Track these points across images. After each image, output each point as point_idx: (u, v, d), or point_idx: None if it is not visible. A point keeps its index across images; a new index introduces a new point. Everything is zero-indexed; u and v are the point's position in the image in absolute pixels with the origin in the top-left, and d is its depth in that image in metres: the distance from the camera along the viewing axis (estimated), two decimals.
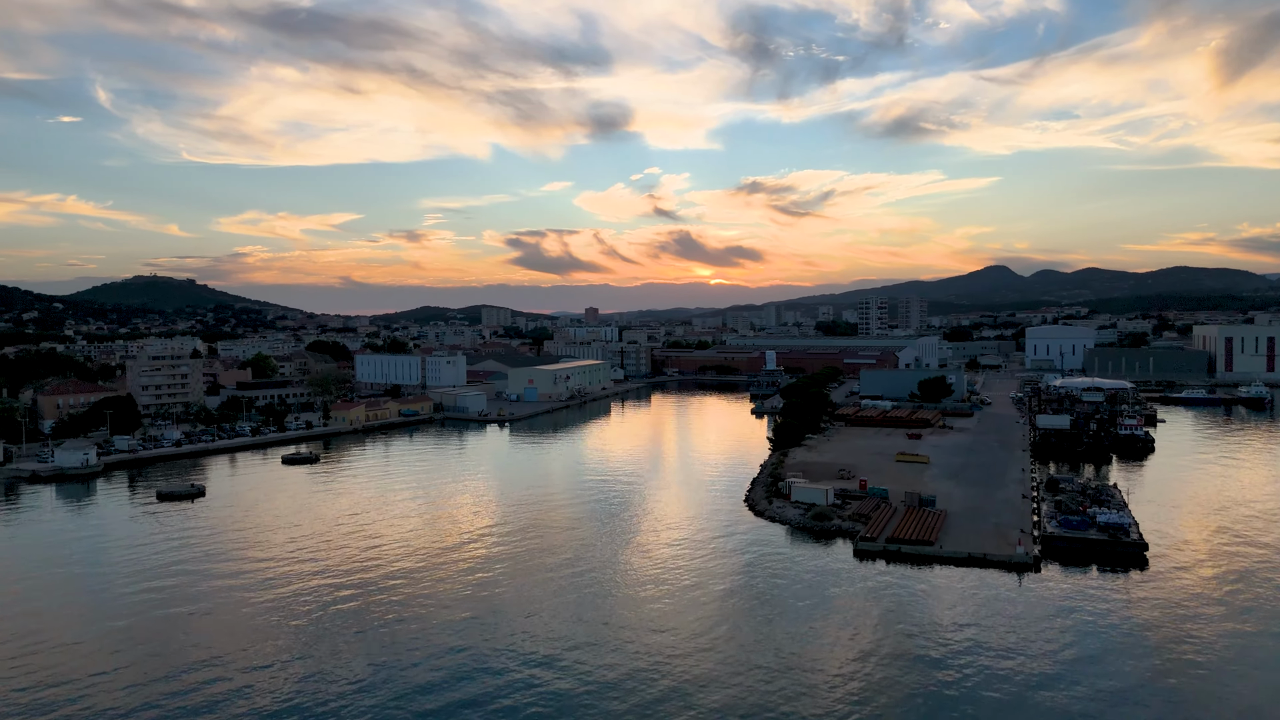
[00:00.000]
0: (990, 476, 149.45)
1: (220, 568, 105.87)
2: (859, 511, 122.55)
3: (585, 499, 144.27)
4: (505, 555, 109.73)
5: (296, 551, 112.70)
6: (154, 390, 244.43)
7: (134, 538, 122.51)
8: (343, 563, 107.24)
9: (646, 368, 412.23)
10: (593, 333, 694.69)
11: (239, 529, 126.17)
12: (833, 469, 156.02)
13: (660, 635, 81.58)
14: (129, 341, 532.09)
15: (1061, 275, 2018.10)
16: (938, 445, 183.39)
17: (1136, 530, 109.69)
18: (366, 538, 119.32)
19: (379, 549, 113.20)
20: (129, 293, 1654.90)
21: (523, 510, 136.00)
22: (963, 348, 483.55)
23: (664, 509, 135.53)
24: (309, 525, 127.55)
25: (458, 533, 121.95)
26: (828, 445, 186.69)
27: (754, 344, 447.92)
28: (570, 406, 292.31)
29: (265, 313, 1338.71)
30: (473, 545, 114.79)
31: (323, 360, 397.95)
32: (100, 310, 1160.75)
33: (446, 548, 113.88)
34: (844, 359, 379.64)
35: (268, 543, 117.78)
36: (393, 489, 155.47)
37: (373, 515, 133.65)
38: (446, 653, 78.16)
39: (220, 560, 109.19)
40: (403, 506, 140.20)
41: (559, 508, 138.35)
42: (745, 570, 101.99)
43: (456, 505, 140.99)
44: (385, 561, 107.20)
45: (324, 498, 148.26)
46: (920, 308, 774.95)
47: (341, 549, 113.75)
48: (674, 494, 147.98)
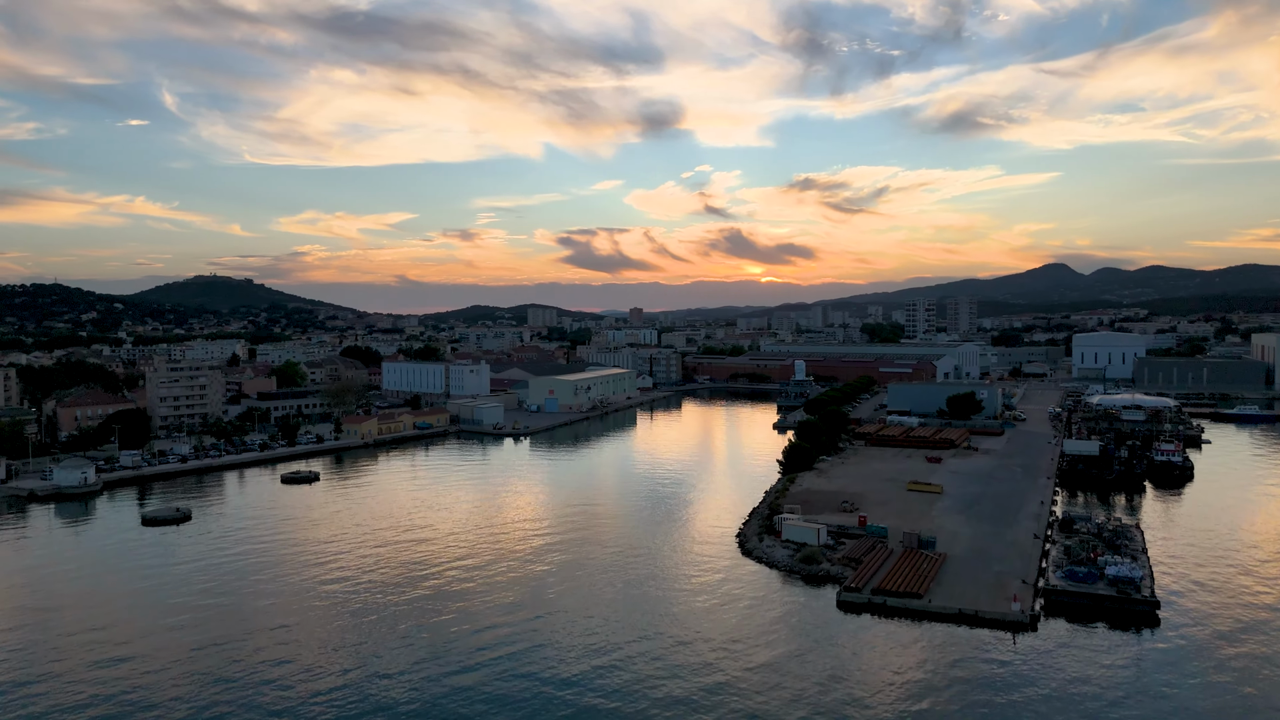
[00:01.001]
0: (1004, 511, 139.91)
1: (170, 612, 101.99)
2: (850, 554, 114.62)
3: (564, 527, 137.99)
4: (450, 593, 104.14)
5: (263, 590, 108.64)
6: (172, 401, 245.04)
7: (96, 567, 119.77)
8: (305, 613, 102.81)
9: (677, 375, 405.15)
10: (631, 335, 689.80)
11: (213, 560, 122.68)
12: (837, 499, 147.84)
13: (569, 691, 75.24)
14: (172, 345, 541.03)
15: (1124, 273, 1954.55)
16: (956, 471, 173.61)
17: (1149, 584, 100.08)
18: (335, 570, 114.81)
19: (346, 581, 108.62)
20: (189, 292, 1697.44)
21: (489, 543, 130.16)
22: (1008, 354, 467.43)
23: (648, 543, 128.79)
24: (283, 560, 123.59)
25: (414, 567, 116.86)
26: (841, 469, 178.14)
27: (788, 351, 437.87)
28: (590, 418, 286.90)
29: (317, 312, 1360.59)
30: (423, 580, 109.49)
31: (353, 366, 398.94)
32: (158, 311, 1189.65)
33: (397, 583, 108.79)
34: (879, 367, 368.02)
35: (225, 586, 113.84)
36: (372, 519, 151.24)
37: (347, 546, 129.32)
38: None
39: (176, 599, 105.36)
40: (381, 534, 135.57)
41: (529, 537, 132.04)
42: (708, 617, 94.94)
43: (425, 536, 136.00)
44: (349, 592, 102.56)
45: (306, 527, 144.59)
46: (970, 309, 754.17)
47: (303, 595, 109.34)
48: (663, 527, 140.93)
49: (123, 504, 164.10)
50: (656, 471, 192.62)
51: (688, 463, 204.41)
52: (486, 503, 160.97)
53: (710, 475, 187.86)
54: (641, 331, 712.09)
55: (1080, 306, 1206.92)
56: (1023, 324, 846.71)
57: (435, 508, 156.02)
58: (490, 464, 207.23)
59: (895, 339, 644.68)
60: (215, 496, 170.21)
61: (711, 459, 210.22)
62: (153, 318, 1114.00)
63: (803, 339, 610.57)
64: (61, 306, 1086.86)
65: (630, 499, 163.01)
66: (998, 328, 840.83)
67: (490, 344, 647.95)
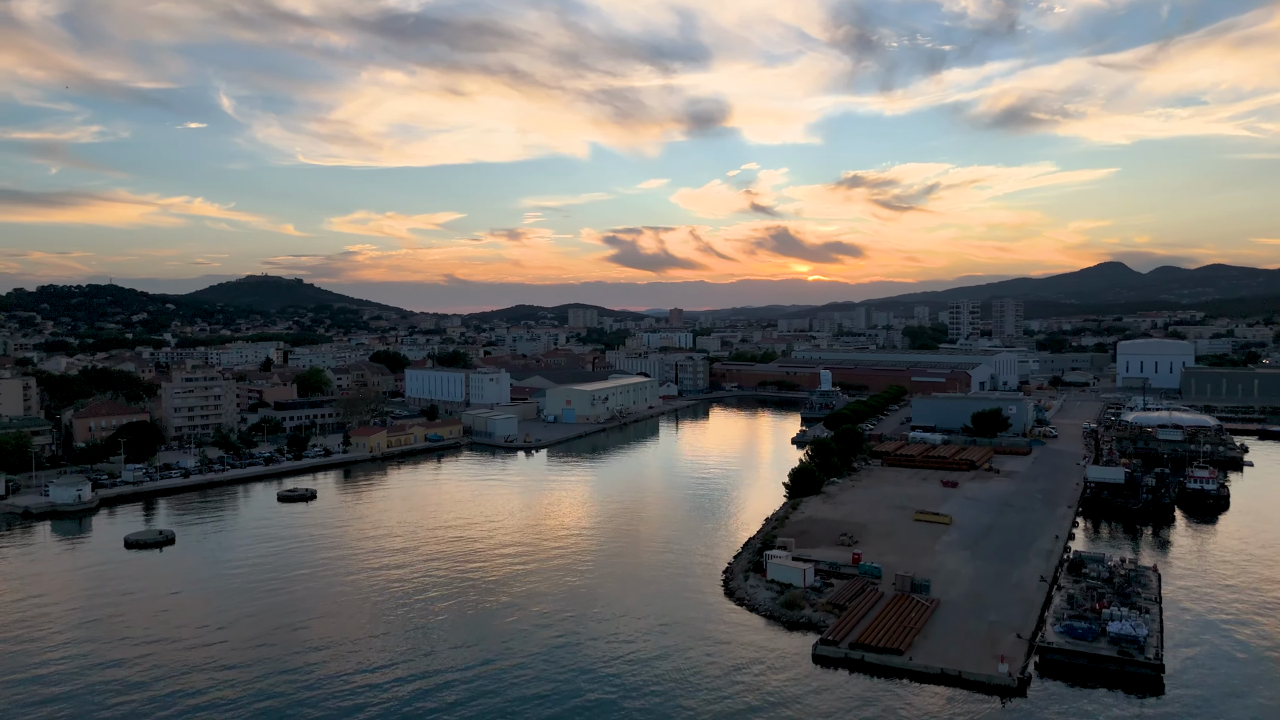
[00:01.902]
0: (1013, 547, 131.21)
1: (113, 648, 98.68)
2: (836, 599, 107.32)
3: (541, 555, 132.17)
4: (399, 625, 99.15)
5: (225, 621, 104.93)
6: (186, 412, 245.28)
7: (60, 595, 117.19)
8: (260, 662, 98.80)
9: (704, 382, 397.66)
10: (666, 338, 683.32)
11: (184, 587, 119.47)
12: (838, 530, 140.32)
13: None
14: (211, 348, 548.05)
15: (1183, 272, 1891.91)
16: (971, 498, 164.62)
17: (1156, 644, 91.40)
18: (288, 615, 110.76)
19: (298, 629, 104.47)
20: (240, 292, 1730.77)
21: (456, 573, 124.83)
22: (1051, 360, 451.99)
23: (629, 576, 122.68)
24: (254, 591, 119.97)
25: (381, 603, 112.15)
26: (849, 494, 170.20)
27: (819, 358, 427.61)
28: (608, 429, 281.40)
29: (362, 312, 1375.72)
30: (388, 614, 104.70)
31: (380, 372, 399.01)
32: (208, 311, 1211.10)
33: (361, 626, 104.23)
34: (911, 376, 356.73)
35: (187, 616, 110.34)
36: (359, 541, 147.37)
37: (323, 580, 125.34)
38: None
39: (127, 632, 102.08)
40: (359, 561, 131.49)
41: (499, 567, 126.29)
42: (662, 665, 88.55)
43: (400, 561, 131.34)
44: (314, 644, 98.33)
45: (287, 553, 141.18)
46: (1016, 312, 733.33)
47: (260, 635, 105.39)
48: (648, 558, 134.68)
49: (114, 523, 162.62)
50: (656, 492, 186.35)
51: (692, 482, 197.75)
52: (467, 527, 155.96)
53: (713, 497, 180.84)
54: (676, 334, 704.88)
55: (1136, 307, 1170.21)
56: (1072, 326, 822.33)
57: (416, 531, 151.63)
58: (490, 480, 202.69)
59: (936, 343, 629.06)
60: (207, 515, 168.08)
61: (719, 477, 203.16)
62: (202, 318, 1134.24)
63: (840, 343, 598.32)
64: (115, 307, 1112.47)
65: (621, 524, 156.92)
66: (1046, 330, 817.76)
67: (524, 347, 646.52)
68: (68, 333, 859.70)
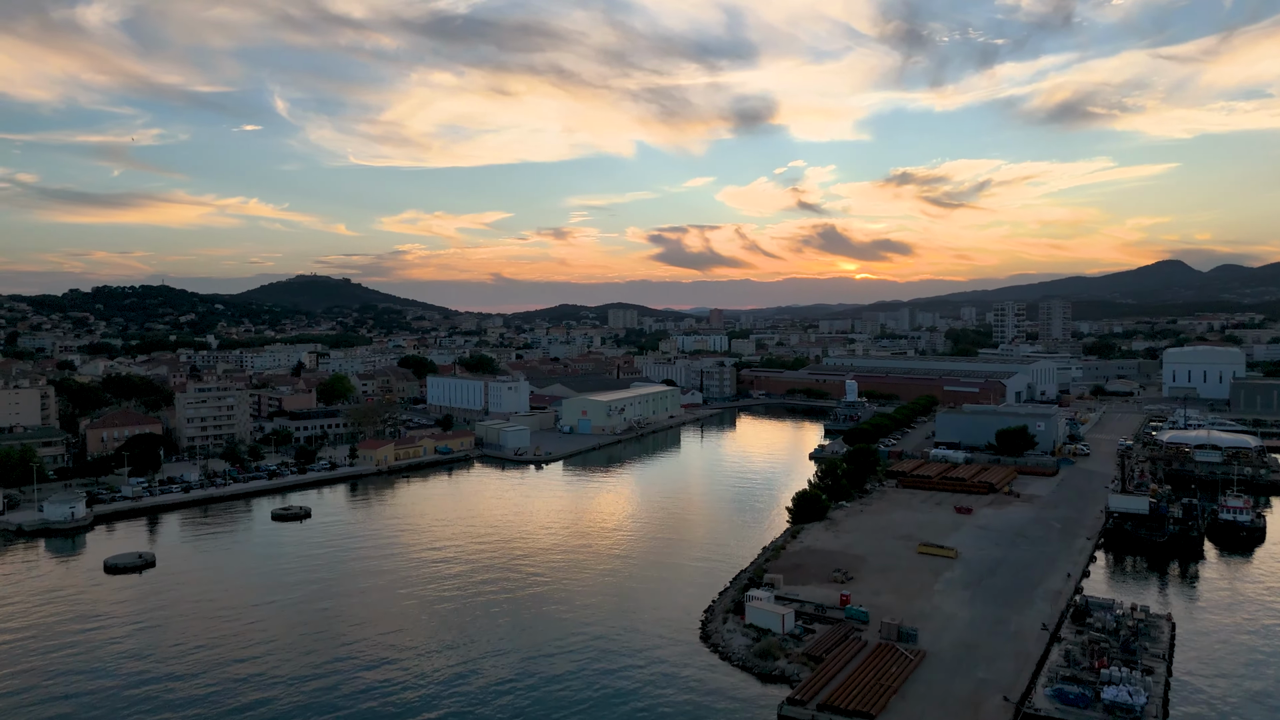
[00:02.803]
0: (1020, 586, 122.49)
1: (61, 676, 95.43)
2: (814, 649, 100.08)
3: (517, 584, 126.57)
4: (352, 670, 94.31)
5: (185, 658, 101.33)
6: (199, 422, 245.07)
7: (19, 623, 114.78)
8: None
9: (730, 390, 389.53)
10: (700, 341, 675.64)
11: (151, 618, 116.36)
12: (834, 564, 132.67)
13: None
14: (247, 350, 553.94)
15: (1246, 270, 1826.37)
16: (984, 526, 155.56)
17: (1155, 716, 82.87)
18: (244, 649, 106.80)
19: (263, 660, 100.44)
20: (290, 291, 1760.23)
21: (430, 596, 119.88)
22: (1095, 367, 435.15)
23: (605, 608, 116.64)
24: (215, 624, 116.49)
25: (340, 642, 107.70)
26: (855, 520, 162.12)
27: (850, 365, 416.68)
28: (624, 441, 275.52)
29: (405, 313, 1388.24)
30: (343, 663, 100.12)
31: (405, 378, 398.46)
32: (255, 311, 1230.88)
33: (320, 666, 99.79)
34: (944, 385, 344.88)
35: (149, 648, 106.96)
36: (342, 564, 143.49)
37: (279, 620, 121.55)
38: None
39: (73, 666, 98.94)
40: (332, 587, 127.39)
41: (470, 598, 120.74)
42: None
43: (366, 585, 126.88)
44: (270, 682, 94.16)
45: (268, 577, 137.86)
46: (1064, 314, 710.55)
47: (215, 674, 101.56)
48: (628, 593, 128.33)
49: (107, 541, 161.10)
50: (653, 513, 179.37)
51: (695, 502, 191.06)
52: (448, 546, 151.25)
53: (714, 522, 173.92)
54: (710, 337, 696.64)
55: (1195, 307, 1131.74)
56: (1123, 329, 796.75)
57: (399, 553, 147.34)
58: (487, 497, 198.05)
59: (979, 346, 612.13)
60: (196, 535, 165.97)
61: (724, 498, 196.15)
62: (250, 318, 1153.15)
63: (878, 346, 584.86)
64: (166, 308, 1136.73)
65: (608, 550, 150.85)
66: (1096, 333, 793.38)
67: (558, 349, 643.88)
68: (118, 333, 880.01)
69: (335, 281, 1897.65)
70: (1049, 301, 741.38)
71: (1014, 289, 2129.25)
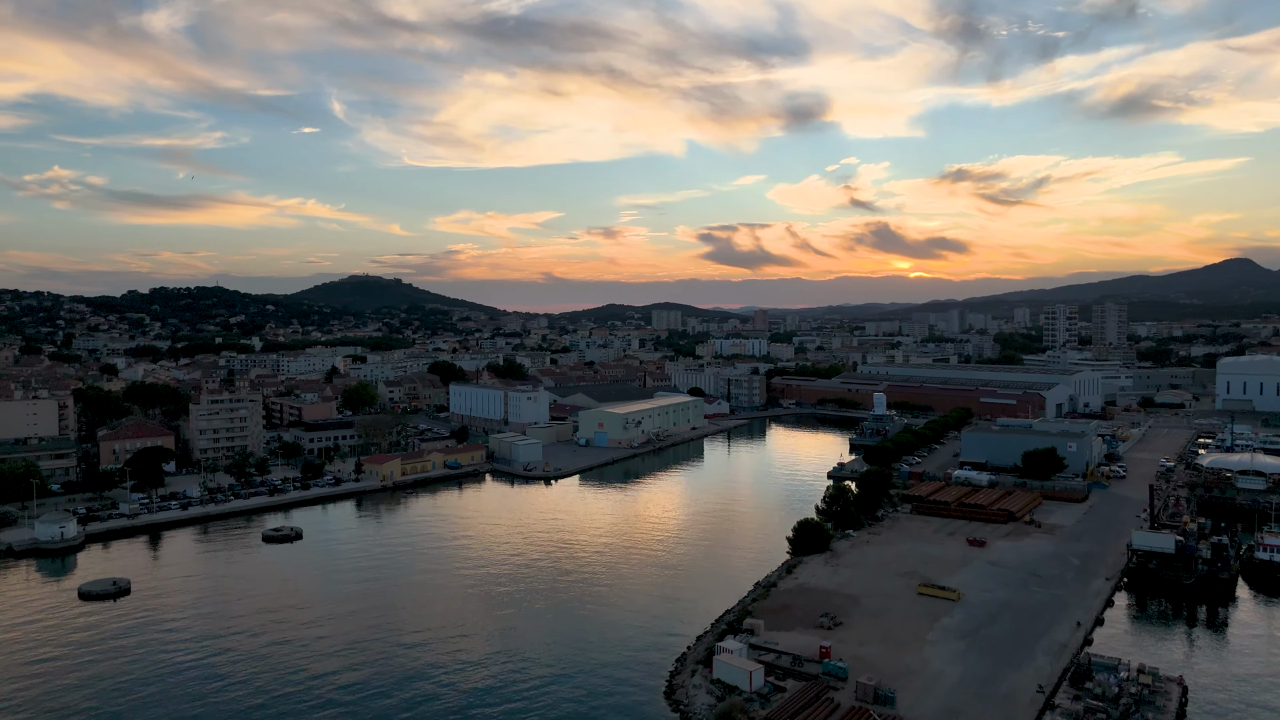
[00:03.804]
0: (1023, 636, 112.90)
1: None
2: (779, 713, 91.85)
3: (480, 633, 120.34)
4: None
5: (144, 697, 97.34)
6: (211, 434, 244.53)
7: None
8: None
9: (760, 399, 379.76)
10: (738, 345, 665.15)
11: (109, 654, 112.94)
12: (824, 605, 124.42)
13: None
14: (286, 353, 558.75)
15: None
16: (995, 563, 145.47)
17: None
18: (207, 684, 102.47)
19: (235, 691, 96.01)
20: (343, 292, 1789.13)
21: (374, 641, 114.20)
22: (1147, 376, 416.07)
23: (556, 655, 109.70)
24: (176, 656, 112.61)
25: (306, 678, 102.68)
26: (860, 552, 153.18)
27: (884, 374, 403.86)
28: (641, 454, 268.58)
29: (451, 314, 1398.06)
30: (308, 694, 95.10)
31: (432, 385, 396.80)
32: (305, 312, 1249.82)
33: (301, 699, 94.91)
34: (979, 397, 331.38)
35: (98, 687, 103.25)
36: (324, 588, 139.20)
37: (243, 655, 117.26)
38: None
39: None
40: (302, 619, 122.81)
41: (417, 637, 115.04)
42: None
43: (326, 630, 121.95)
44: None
45: (246, 602, 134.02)
46: (1119, 316, 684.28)
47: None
48: (599, 637, 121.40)
49: (94, 563, 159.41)
50: (650, 537, 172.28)
51: (695, 526, 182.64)
52: (430, 572, 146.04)
53: (713, 548, 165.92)
54: (750, 341, 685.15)
55: (1264, 308, 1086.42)
56: (1183, 332, 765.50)
57: (376, 580, 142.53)
58: (482, 518, 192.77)
59: (1026, 351, 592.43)
60: (180, 558, 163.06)
61: (728, 522, 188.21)
62: (299, 318, 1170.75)
63: (920, 352, 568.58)
64: (220, 309, 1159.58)
65: (594, 575, 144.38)
66: (1154, 336, 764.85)
67: (594, 353, 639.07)
68: (171, 334, 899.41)
69: (386, 282, 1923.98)
70: (1103, 304, 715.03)
71: (1072, 288, 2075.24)
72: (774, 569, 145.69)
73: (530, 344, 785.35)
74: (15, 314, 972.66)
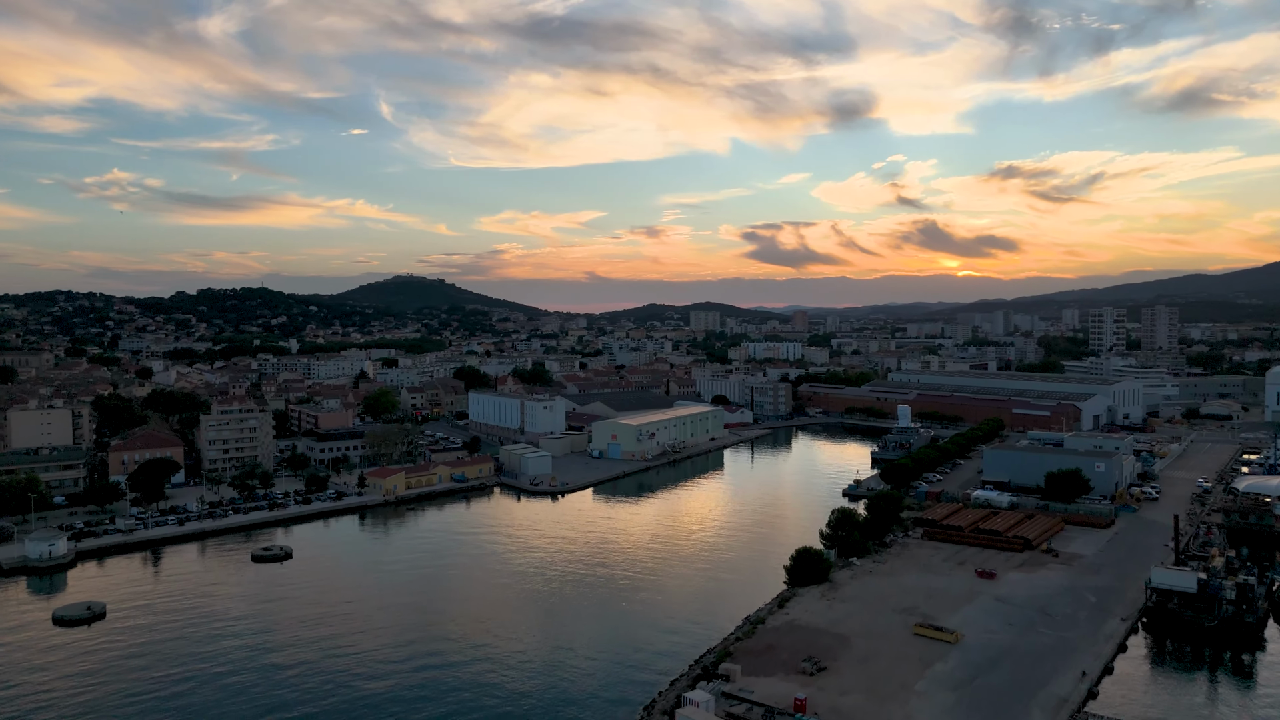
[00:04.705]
0: (1021, 687, 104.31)
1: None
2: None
3: (453, 650, 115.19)
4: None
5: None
6: (221, 445, 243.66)
7: None
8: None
9: (785, 407, 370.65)
10: (771, 349, 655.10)
11: (65, 684, 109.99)
12: (811, 647, 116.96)
13: None
14: (316, 357, 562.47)
15: None
16: (1003, 599, 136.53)
17: None
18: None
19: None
20: (387, 292, 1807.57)
21: (333, 685, 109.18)
22: (1195, 384, 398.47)
23: (520, 705, 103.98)
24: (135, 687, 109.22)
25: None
26: (860, 584, 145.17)
27: (917, 381, 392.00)
28: (655, 467, 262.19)
29: (491, 314, 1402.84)
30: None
31: (456, 391, 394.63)
32: (349, 312, 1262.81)
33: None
34: (1012, 408, 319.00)
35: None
36: (300, 618, 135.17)
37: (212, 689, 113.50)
38: None
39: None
40: (246, 664, 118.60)
41: (382, 671, 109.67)
42: None
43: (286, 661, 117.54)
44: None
45: (215, 635, 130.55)
46: (1170, 319, 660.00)
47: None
48: (553, 683, 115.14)
49: (83, 581, 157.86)
50: (640, 560, 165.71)
51: (693, 548, 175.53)
52: (396, 610, 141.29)
53: (708, 573, 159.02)
54: (785, 345, 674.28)
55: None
56: (1239, 335, 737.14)
57: (347, 613, 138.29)
58: (473, 537, 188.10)
59: (1070, 356, 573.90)
60: (166, 577, 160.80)
61: (731, 542, 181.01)
62: (342, 320, 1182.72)
63: (955, 358, 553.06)
64: (264, 310, 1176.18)
65: (571, 604, 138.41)
66: (1208, 339, 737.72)
67: (625, 357, 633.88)
68: (215, 335, 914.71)
69: (430, 282, 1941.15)
70: (1153, 307, 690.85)
71: (1126, 287, 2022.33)
72: (767, 601, 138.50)
73: (565, 346, 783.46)
74: (68, 314, 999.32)
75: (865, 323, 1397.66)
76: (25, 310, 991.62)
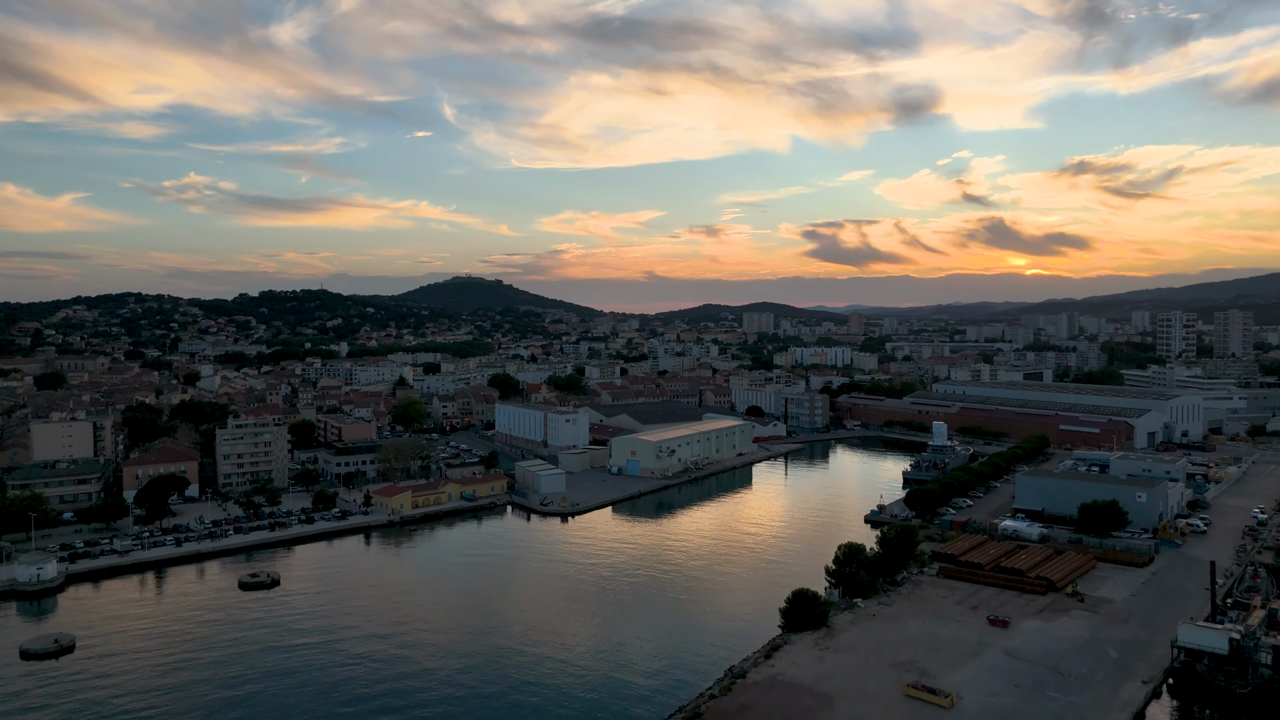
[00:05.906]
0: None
1: None
2: None
3: (416, 689, 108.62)
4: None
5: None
6: (235, 459, 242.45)
7: None
8: None
9: (822, 420, 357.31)
10: (818, 354, 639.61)
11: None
12: (786, 712, 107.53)
13: None
14: (355, 363, 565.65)
15: None
16: (1013, 653, 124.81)
17: None
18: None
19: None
20: (446, 292, 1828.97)
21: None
22: (1263, 398, 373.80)
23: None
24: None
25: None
26: (859, 630, 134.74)
27: (961, 393, 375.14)
28: (674, 485, 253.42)
29: (544, 315, 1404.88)
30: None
31: (488, 399, 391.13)
32: (405, 314, 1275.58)
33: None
34: (1059, 423, 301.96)
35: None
36: (250, 666, 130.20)
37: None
38: None
39: None
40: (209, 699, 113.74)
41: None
42: None
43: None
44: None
45: (194, 661, 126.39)
46: (1244, 324, 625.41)
47: None
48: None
49: (74, 603, 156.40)
50: (629, 594, 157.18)
51: (692, 577, 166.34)
52: (372, 641, 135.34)
53: (695, 612, 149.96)
54: (834, 350, 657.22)
55: None
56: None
57: (327, 643, 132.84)
58: (465, 563, 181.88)
59: (1134, 363, 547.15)
60: (149, 604, 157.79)
61: (732, 573, 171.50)
62: (397, 321, 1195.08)
63: (1008, 366, 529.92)
64: (321, 312, 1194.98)
65: (537, 647, 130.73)
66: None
67: (667, 362, 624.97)
68: (273, 337, 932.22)
69: (487, 282, 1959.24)
70: (1226, 311, 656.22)
71: (1204, 286, 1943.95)
72: (755, 649, 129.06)
73: (612, 350, 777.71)
74: (136, 316, 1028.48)
75: (925, 324, 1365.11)
76: (96, 312, 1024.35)
